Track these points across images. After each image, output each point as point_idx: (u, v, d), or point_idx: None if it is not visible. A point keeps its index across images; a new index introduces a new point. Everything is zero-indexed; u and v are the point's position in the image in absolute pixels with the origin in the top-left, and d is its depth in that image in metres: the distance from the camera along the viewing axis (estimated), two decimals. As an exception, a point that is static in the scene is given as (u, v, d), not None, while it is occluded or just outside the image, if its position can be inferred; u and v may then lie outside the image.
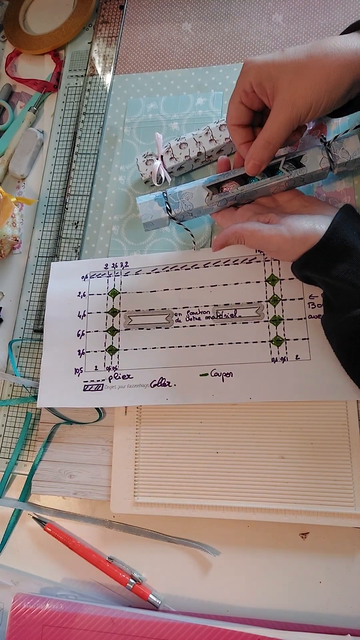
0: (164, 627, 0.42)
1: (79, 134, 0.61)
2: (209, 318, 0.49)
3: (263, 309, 0.48)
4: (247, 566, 0.45)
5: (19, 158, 0.62)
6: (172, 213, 0.49)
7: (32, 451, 0.53)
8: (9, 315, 0.58)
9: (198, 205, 0.48)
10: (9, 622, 0.45)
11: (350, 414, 0.45)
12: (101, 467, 0.49)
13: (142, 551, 0.48)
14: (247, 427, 0.47)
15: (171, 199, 0.49)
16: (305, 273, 0.44)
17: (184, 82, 0.59)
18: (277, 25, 0.58)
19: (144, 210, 0.50)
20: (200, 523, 0.47)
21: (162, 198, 0.49)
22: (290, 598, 0.44)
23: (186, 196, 0.49)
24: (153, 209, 0.49)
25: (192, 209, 0.49)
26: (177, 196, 0.49)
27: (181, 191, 0.49)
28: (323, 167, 0.46)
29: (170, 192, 0.49)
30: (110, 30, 0.65)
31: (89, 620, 0.44)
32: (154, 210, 0.49)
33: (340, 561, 0.44)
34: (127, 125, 0.60)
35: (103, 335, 0.52)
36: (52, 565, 0.50)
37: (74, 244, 0.57)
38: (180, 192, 0.49)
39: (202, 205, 0.48)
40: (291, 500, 0.44)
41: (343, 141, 0.46)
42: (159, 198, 0.49)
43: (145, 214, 0.49)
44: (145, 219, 0.49)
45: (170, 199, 0.49)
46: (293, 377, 0.46)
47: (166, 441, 0.48)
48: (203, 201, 0.48)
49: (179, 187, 0.49)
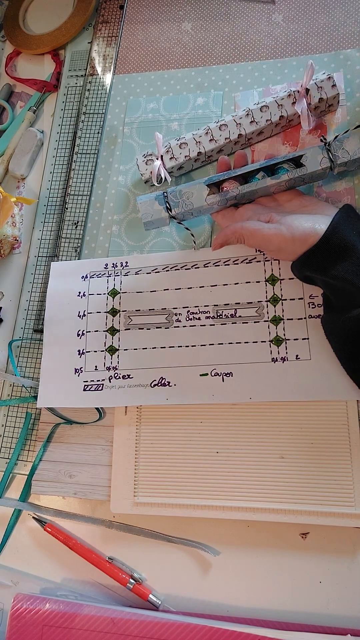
0: (164, 627, 0.42)
1: (79, 134, 0.61)
2: (209, 318, 0.49)
3: (263, 309, 0.48)
4: (247, 566, 0.45)
5: (19, 158, 0.62)
6: (172, 212, 0.49)
7: (32, 451, 0.53)
8: (9, 315, 0.58)
9: (198, 205, 0.48)
10: (9, 622, 0.45)
11: (350, 414, 0.45)
12: (101, 467, 0.49)
13: (142, 551, 0.48)
14: (247, 427, 0.47)
15: (171, 198, 0.49)
16: (305, 273, 0.44)
17: (184, 82, 0.59)
18: (277, 25, 0.58)
19: (144, 210, 0.50)
20: (200, 523, 0.47)
21: (162, 197, 0.49)
22: (290, 598, 0.44)
23: (186, 195, 0.49)
24: (153, 208, 0.49)
25: (192, 208, 0.49)
26: (178, 195, 0.49)
27: (181, 190, 0.49)
28: (323, 167, 0.46)
29: (170, 192, 0.49)
30: (110, 30, 0.65)
31: (89, 620, 0.44)
32: (154, 209, 0.49)
33: (340, 561, 0.44)
34: (127, 125, 0.60)
35: (103, 335, 0.52)
36: (52, 565, 0.50)
37: (73, 244, 0.57)
38: (180, 192, 0.49)
39: (202, 205, 0.48)
40: (291, 500, 0.44)
41: (343, 141, 0.46)
42: (159, 197, 0.49)
43: (145, 213, 0.49)
44: (145, 218, 0.50)
45: (171, 198, 0.49)
46: (293, 377, 0.46)
47: (166, 441, 0.48)
48: (203, 200, 0.48)
49: (179, 187, 0.49)
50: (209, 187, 0.48)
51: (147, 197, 0.50)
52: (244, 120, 0.51)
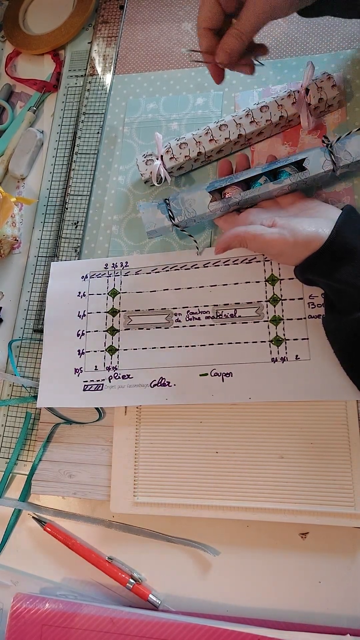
0: (164, 627, 0.42)
1: (78, 134, 0.61)
2: (209, 318, 0.49)
3: (263, 309, 0.48)
4: (247, 566, 0.45)
5: (19, 158, 0.62)
6: (175, 220, 0.49)
7: (32, 451, 0.53)
8: (9, 315, 0.58)
9: (201, 212, 0.48)
10: (9, 622, 0.45)
11: (350, 414, 0.45)
12: (101, 467, 0.49)
13: (142, 551, 0.48)
14: (247, 427, 0.47)
15: (174, 206, 0.49)
16: (308, 276, 0.44)
17: (184, 82, 0.59)
18: (277, 25, 0.58)
19: (146, 219, 0.50)
20: (200, 523, 0.47)
21: (165, 205, 0.49)
22: (290, 598, 0.44)
23: (188, 203, 0.49)
24: (156, 217, 0.49)
25: (195, 215, 0.49)
26: (180, 203, 0.49)
27: (183, 198, 0.49)
28: (326, 170, 0.46)
29: (172, 199, 0.49)
30: (110, 30, 0.65)
31: (89, 620, 0.44)
32: (156, 218, 0.49)
33: (340, 561, 0.44)
34: (126, 125, 0.60)
35: (103, 335, 0.52)
36: (52, 565, 0.50)
37: (73, 244, 0.57)
38: (182, 199, 0.49)
39: (205, 212, 0.48)
40: (291, 500, 0.44)
41: (345, 143, 0.45)
42: (162, 205, 0.49)
43: (148, 222, 0.50)
44: (148, 227, 0.50)
45: (173, 206, 0.49)
46: (293, 377, 0.46)
47: (166, 441, 0.48)
48: (206, 208, 0.48)
49: (180, 194, 0.49)
50: (212, 194, 0.48)
51: (148, 205, 0.50)
52: (243, 120, 0.51)
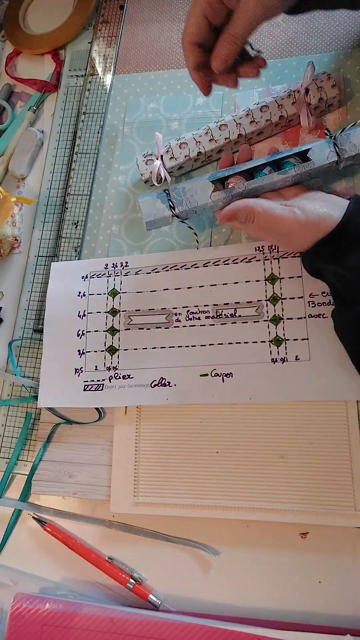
0: (164, 627, 0.42)
1: (78, 134, 0.61)
2: (209, 318, 0.49)
3: (263, 308, 0.48)
4: (247, 566, 0.45)
5: (19, 158, 0.62)
6: (175, 211, 0.48)
7: (32, 451, 0.53)
8: (9, 315, 0.58)
9: (203, 202, 0.47)
10: (9, 621, 0.45)
11: (350, 414, 0.45)
12: (101, 467, 0.49)
13: (142, 551, 0.48)
14: (247, 427, 0.47)
15: (174, 195, 0.48)
16: (318, 263, 0.43)
17: (184, 82, 0.59)
18: (277, 25, 0.58)
19: (146, 209, 0.48)
20: (200, 523, 0.47)
21: (165, 195, 0.48)
22: (290, 598, 0.44)
23: (190, 193, 0.47)
24: (156, 207, 0.48)
25: (196, 205, 0.47)
26: (181, 193, 0.48)
27: (184, 187, 0.48)
28: (330, 161, 0.45)
29: (172, 189, 0.48)
30: (110, 30, 0.65)
31: (89, 620, 0.44)
32: (156, 208, 0.48)
33: (340, 561, 0.44)
34: (127, 124, 0.60)
35: (103, 335, 0.52)
36: (52, 565, 0.50)
37: (73, 244, 0.57)
38: (183, 189, 0.48)
39: (206, 202, 0.47)
40: (291, 500, 0.44)
41: (350, 134, 0.45)
42: (162, 195, 0.48)
43: (147, 212, 0.48)
44: (147, 217, 0.48)
45: (174, 196, 0.48)
46: (293, 378, 0.46)
47: (166, 441, 0.48)
48: (208, 197, 0.47)
49: (182, 184, 0.48)
50: (214, 184, 0.47)
51: (148, 195, 0.49)
52: (244, 120, 0.51)
